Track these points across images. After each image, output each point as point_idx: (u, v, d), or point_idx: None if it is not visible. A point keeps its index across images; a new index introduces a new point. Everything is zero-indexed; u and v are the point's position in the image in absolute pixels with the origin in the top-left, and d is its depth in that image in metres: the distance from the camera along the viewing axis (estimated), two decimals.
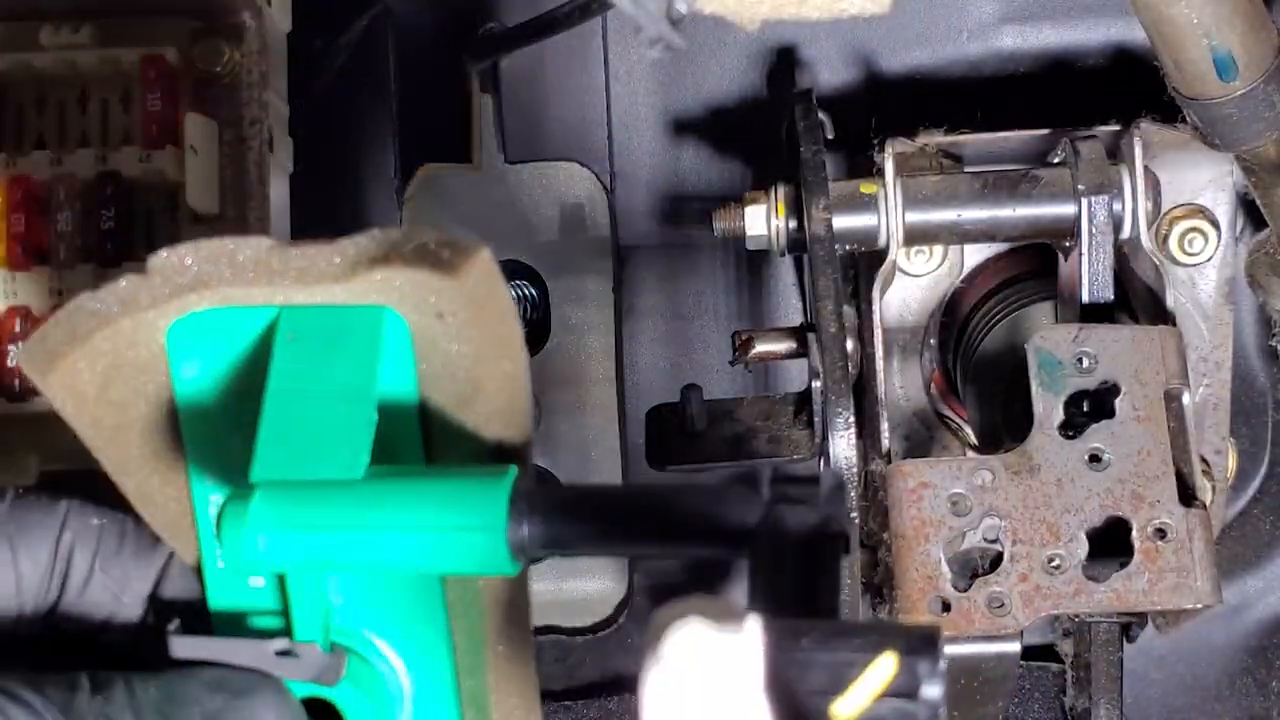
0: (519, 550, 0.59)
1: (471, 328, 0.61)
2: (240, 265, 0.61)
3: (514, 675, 0.67)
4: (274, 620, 0.65)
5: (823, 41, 1.15)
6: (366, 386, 0.60)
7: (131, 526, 0.65)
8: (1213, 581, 0.85)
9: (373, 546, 0.60)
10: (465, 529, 0.59)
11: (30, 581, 0.63)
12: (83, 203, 0.86)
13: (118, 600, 0.65)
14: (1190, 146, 0.97)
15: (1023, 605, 0.85)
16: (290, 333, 0.61)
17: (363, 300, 0.61)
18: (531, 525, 0.59)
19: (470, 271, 0.60)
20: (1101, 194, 0.96)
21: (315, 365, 0.60)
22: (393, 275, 0.60)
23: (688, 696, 0.40)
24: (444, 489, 0.60)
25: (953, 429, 1.10)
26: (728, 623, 0.40)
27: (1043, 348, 0.90)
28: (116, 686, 0.59)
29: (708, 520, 0.59)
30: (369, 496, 0.60)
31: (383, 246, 0.60)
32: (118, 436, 0.63)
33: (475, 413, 0.63)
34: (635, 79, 1.19)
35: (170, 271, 0.61)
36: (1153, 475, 0.87)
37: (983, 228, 1.00)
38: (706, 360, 1.22)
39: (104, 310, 0.61)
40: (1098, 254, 0.96)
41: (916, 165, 1.02)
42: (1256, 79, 0.87)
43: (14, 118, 0.87)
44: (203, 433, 0.64)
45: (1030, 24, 1.14)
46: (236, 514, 0.60)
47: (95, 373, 0.62)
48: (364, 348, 0.61)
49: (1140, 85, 0.94)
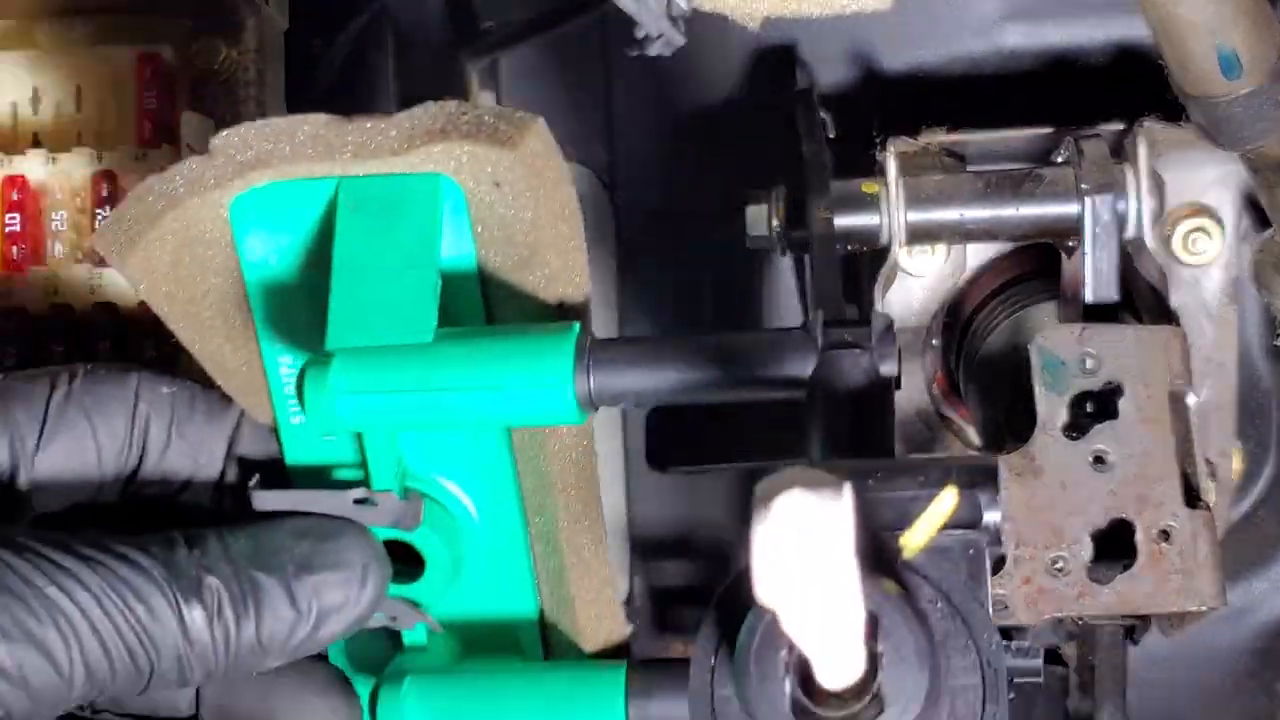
0: (585, 401, 0.63)
1: (528, 194, 0.63)
2: (300, 142, 0.63)
3: (582, 512, 0.70)
4: (350, 472, 0.68)
5: (824, 39, 1.15)
6: (429, 252, 0.63)
7: (200, 391, 0.69)
8: (1218, 584, 0.85)
9: (447, 405, 0.63)
10: (534, 384, 0.62)
11: (109, 452, 0.66)
12: (79, 202, 0.85)
13: (195, 462, 0.68)
14: (1195, 146, 0.96)
15: (1026, 608, 0.85)
16: (351, 202, 0.64)
17: (420, 170, 0.63)
18: (596, 377, 0.62)
19: (527, 143, 0.62)
20: (1105, 193, 0.96)
21: (378, 234, 0.63)
22: (451, 148, 0.62)
23: (792, 554, 0.44)
24: (511, 346, 0.63)
25: (955, 429, 1.10)
26: (826, 489, 0.44)
27: (1046, 348, 0.90)
28: (209, 540, 0.62)
29: (767, 367, 0.63)
30: (440, 358, 0.63)
31: (439, 120, 0.63)
32: (190, 308, 0.66)
33: (534, 274, 0.65)
34: (635, 77, 1.18)
35: (232, 150, 0.64)
36: (1157, 477, 0.86)
37: (985, 227, 0.99)
38: None
39: (171, 191, 0.64)
40: (1101, 254, 0.96)
41: (919, 164, 1.01)
42: (1262, 78, 0.87)
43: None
44: (271, 299, 0.66)
45: (1034, 22, 1.13)
46: (317, 380, 0.62)
47: (167, 251, 0.64)
48: (424, 215, 0.63)
49: (1144, 84, 0.94)
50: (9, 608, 0.57)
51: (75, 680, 0.58)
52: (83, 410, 0.66)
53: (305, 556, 0.63)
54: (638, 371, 0.63)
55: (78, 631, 0.58)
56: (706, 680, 0.58)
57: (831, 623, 0.47)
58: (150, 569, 0.60)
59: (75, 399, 0.66)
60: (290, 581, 0.62)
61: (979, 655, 0.56)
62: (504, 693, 0.69)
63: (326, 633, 0.63)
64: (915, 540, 0.55)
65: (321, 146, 0.63)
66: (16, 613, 0.57)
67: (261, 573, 0.62)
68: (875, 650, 0.52)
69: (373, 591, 0.64)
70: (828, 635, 0.48)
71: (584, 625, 0.72)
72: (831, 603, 0.46)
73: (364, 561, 0.64)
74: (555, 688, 0.68)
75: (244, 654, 0.61)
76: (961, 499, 0.56)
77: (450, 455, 0.69)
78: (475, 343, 0.64)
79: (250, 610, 0.61)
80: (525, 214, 0.63)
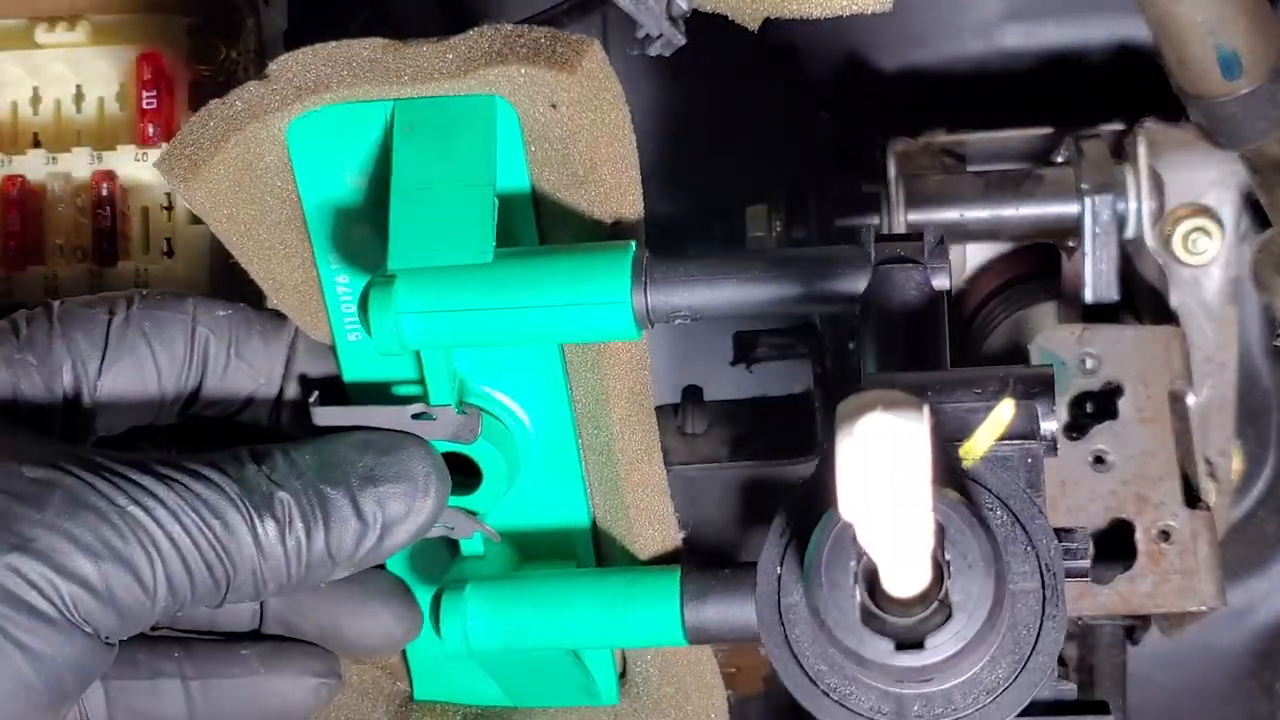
0: (643, 318, 0.63)
1: (584, 114, 0.64)
2: (356, 66, 0.64)
3: (636, 423, 0.70)
4: (408, 388, 0.69)
5: (824, 39, 1.15)
6: (486, 173, 0.63)
7: (256, 313, 0.69)
8: (1217, 584, 0.85)
9: (508, 323, 0.64)
10: (593, 301, 0.63)
11: (169, 374, 0.67)
12: (79, 202, 0.85)
13: (255, 381, 0.68)
14: (1194, 146, 0.96)
15: None
16: (407, 125, 0.64)
17: (476, 92, 0.64)
18: (654, 293, 0.63)
19: (583, 64, 0.63)
20: (1105, 193, 0.96)
21: (435, 155, 0.63)
22: (508, 70, 0.63)
23: (876, 472, 0.46)
24: (569, 264, 0.64)
25: None
26: (907, 409, 0.46)
27: (1046, 348, 0.90)
28: (275, 456, 0.63)
29: (822, 283, 0.63)
30: (501, 277, 0.63)
31: (496, 42, 0.64)
32: (250, 230, 0.67)
33: (589, 194, 0.66)
34: (635, 77, 1.18)
35: (290, 75, 0.64)
36: (1157, 477, 0.86)
37: (985, 227, 0.99)
38: (707, 361, 1.22)
39: (232, 114, 0.65)
40: (1101, 254, 0.96)
41: (919, 164, 1.01)
42: (1261, 78, 0.87)
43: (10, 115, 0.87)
44: (329, 221, 0.67)
45: (1033, 22, 1.13)
46: (382, 300, 0.63)
47: (228, 174, 0.65)
48: (480, 136, 0.63)
49: (1144, 84, 0.94)
50: (95, 526, 0.58)
51: (159, 596, 0.59)
52: (142, 333, 0.66)
53: (369, 469, 0.63)
54: (694, 287, 0.64)
55: (159, 548, 0.59)
56: (773, 587, 0.59)
57: (906, 534, 0.49)
58: (224, 485, 0.60)
59: (134, 323, 0.66)
60: (356, 493, 0.63)
61: (1038, 560, 0.57)
62: (563, 597, 0.69)
63: (391, 542, 0.64)
64: (975, 450, 0.56)
65: (379, 70, 0.64)
66: (102, 531, 0.58)
67: (328, 485, 0.62)
68: (941, 558, 0.53)
69: (434, 502, 0.64)
70: (902, 546, 0.50)
71: (638, 533, 0.72)
72: (907, 516, 0.48)
73: (425, 473, 0.64)
74: (612, 592, 0.68)
75: (315, 565, 0.62)
76: (1019, 409, 0.57)
77: (505, 370, 0.69)
78: (534, 261, 0.64)
79: (320, 522, 0.62)
80: (581, 134, 0.64)
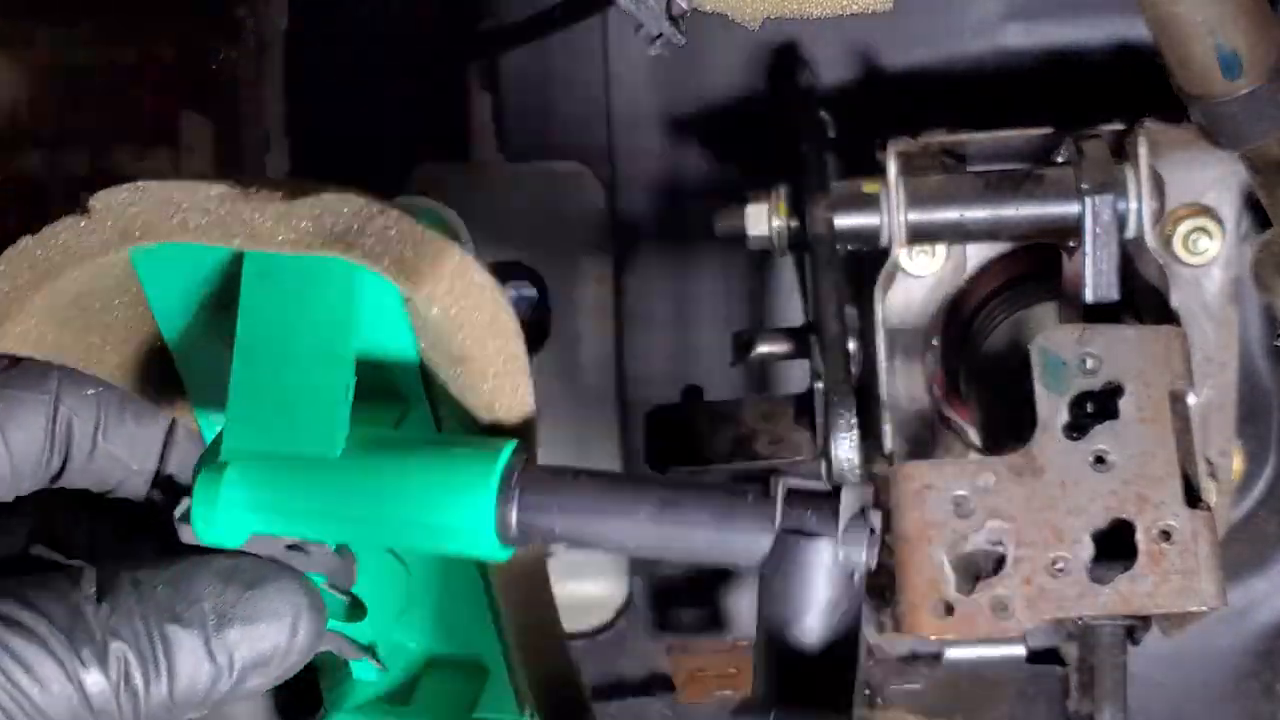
0: (508, 539, 0.56)
1: (448, 308, 0.57)
2: (187, 214, 0.57)
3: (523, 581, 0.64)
4: None
5: (825, 39, 1.15)
6: (342, 345, 0.56)
7: (127, 393, 0.64)
8: (1218, 584, 0.85)
9: (355, 530, 0.58)
10: (450, 518, 0.56)
11: (25, 455, 0.62)
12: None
13: (126, 468, 0.64)
14: (1195, 145, 0.96)
15: (1026, 608, 0.84)
16: (258, 273, 0.57)
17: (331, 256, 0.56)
18: (524, 512, 0.56)
19: (436, 274, 0.56)
20: (1106, 193, 0.96)
21: (287, 315, 0.56)
22: (352, 260, 0.55)
23: None
24: (429, 469, 0.57)
25: (956, 430, 1.09)
26: None
27: (1047, 348, 0.90)
28: (122, 589, 0.57)
29: (713, 540, 0.56)
30: (349, 479, 0.57)
31: (345, 221, 0.56)
32: (103, 353, 0.62)
33: (470, 372, 0.59)
34: (636, 77, 1.18)
35: (113, 216, 0.58)
36: (1157, 477, 0.86)
37: (986, 227, 0.99)
38: (707, 361, 1.22)
39: (47, 263, 0.58)
40: (1102, 254, 0.96)
41: (919, 164, 1.01)
42: (1261, 78, 0.87)
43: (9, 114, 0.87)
44: (187, 352, 0.62)
45: (1034, 22, 1.13)
46: (207, 491, 0.57)
47: (55, 313, 0.59)
48: (337, 302, 0.56)
49: (1144, 84, 0.94)
50: None
51: None
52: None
53: (229, 605, 0.58)
54: (570, 515, 0.56)
55: None
56: None
57: None
58: (42, 633, 0.55)
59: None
60: (209, 634, 0.57)
61: None
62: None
63: (253, 684, 0.58)
64: None
65: (214, 223, 0.56)
66: None
67: (178, 626, 0.57)
68: None
69: (305, 641, 0.59)
70: None
71: None
72: None
73: (294, 611, 0.58)
74: None
75: (156, 712, 0.57)
76: None
77: None
78: (389, 462, 0.57)
79: (162, 671, 0.57)
80: (448, 322, 0.57)
